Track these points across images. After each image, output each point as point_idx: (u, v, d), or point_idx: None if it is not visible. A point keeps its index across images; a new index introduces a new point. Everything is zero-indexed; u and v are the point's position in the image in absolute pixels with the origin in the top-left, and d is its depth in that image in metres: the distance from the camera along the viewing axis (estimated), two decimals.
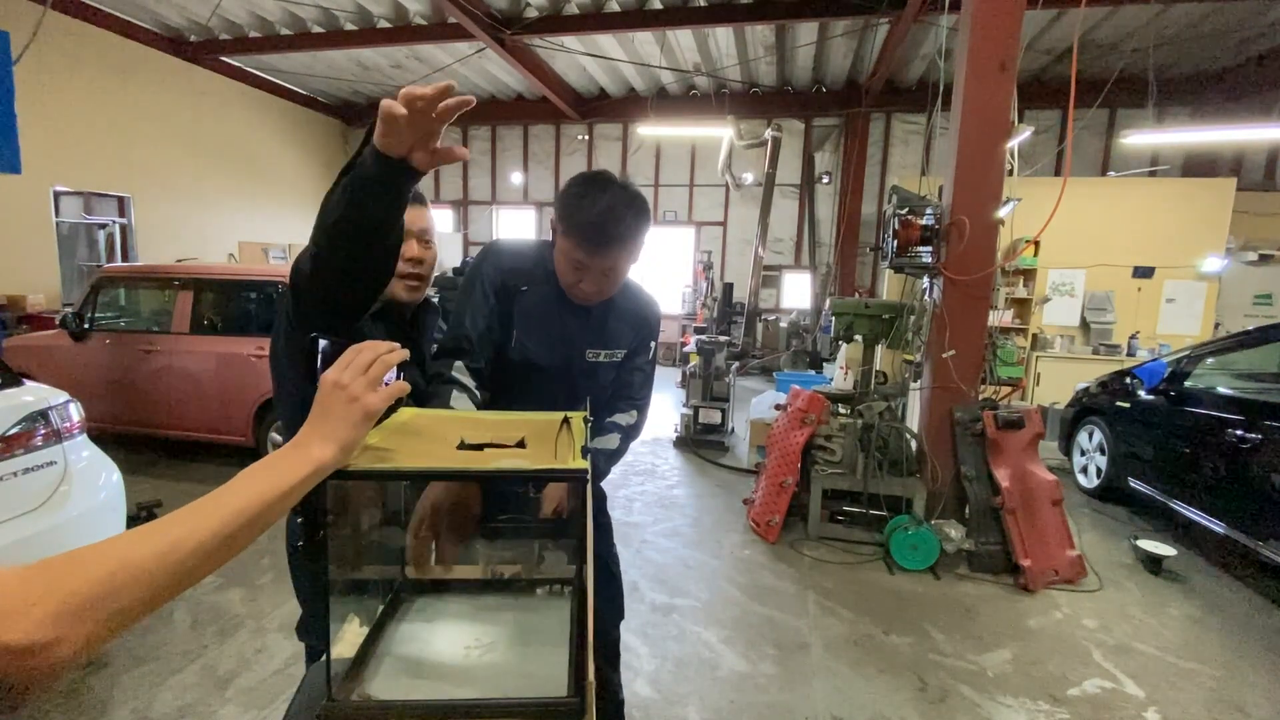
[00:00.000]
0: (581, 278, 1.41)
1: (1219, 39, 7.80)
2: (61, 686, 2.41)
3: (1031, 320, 7.59)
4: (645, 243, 1.45)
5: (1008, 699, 2.56)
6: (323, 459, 0.73)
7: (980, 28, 3.69)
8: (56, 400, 2.65)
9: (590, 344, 1.54)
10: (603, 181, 1.38)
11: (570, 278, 1.43)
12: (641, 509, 4.48)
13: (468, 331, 1.43)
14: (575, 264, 1.39)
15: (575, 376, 1.54)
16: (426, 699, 0.92)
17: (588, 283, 1.42)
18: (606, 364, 1.57)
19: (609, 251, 1.37)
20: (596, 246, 1.36)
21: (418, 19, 8.18)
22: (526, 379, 1.50)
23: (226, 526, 0.63)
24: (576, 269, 1.40)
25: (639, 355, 1.63)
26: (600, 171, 1.41)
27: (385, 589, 1.20)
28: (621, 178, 1.41)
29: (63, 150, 7.71)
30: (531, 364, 1.50)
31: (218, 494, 0.65)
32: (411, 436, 1.11)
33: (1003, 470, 3.69)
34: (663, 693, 2.52)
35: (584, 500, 1.00)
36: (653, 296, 1.68)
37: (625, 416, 1.60)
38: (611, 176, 1.40)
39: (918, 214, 3.90)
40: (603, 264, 1.39)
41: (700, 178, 11.60)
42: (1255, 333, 4.01)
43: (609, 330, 1.56)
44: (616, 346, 1.58)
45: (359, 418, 0.77)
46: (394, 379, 0.87)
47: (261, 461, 0.71)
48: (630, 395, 1.63)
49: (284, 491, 0.69)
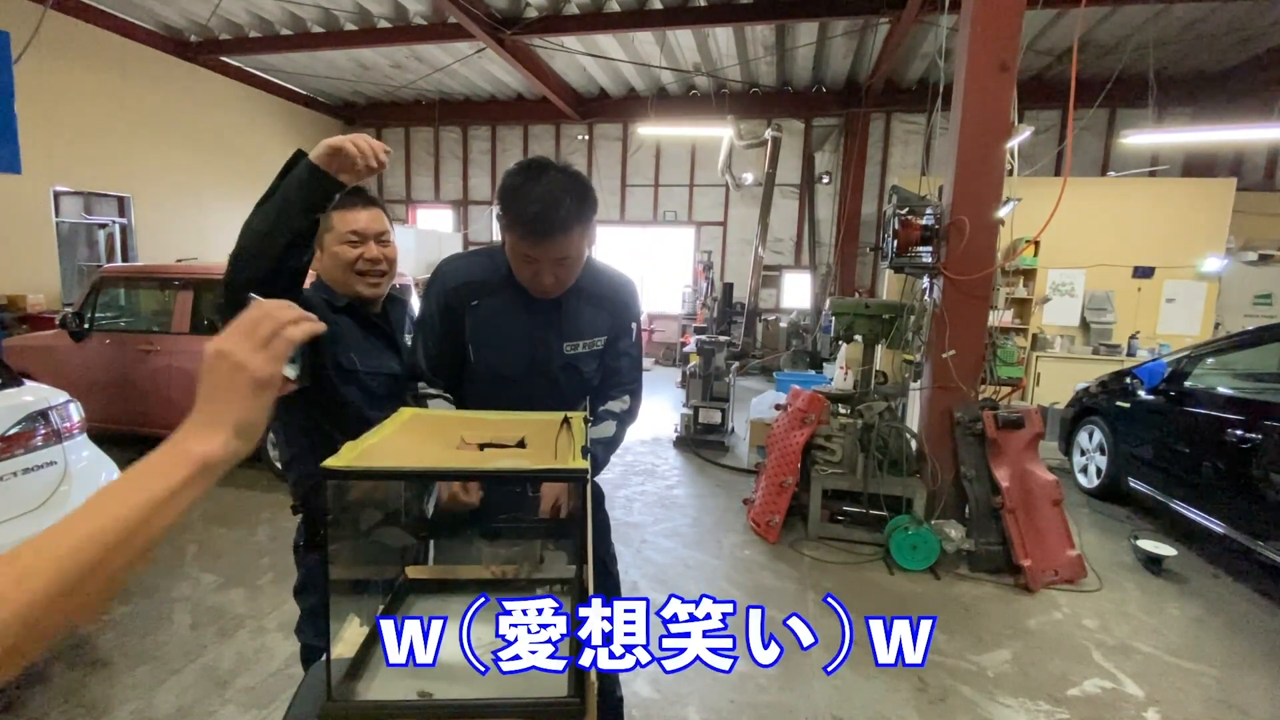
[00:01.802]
0: (536, 270, 1.37)
1: (1219, 39, 7.80)
2: (62, 686, 2.41)
3: (1031, 320, 7.58)
4: (593, 223, 1.42)
5: (1008, 699, 2.56)
6: (208, 455, 0.58)
7: (980, 28, 3.69)
8: (56, 400, 2.65)
9: (567, 337, 1.50)
10: (538, 168, 1.33)
11: (525, 273, 1.39)
12: (641, 509, 4.48)
13: (419, 359, 1.48)
14: (525, 258, 1.36)
15: (556, 374, 1.51)
16: (426, 699, 0.92)
17: (544, 275, 1.38)
18: (588, 354, 1.53)
19: (555, 240, 1.32)
20: (541, 237, 1.32)
21: (418, 19, 8.18)
22: (498, 389, 1.48)
23: (76, 558, 0.49)
24: (528, 263, 1.37)
25: (622, 339, 1.60)
26: (536, 158, 1.37)
27: (385, 589, 1.20)
28: (559, 161, 1.37)
29: (63, 150, 7.71)
30: (500, 375, 1.48)
31: (67, 520, 0.52)
32: (412, 436, 1.11)
33: (1003, 470, 3.68)
34: (663, 693, 2.52)
35: (584, 500, 1.01)
36: (625, 276, 1.63)
37: (618, 403, 1.58)
38: (548, 161, 1.36)
39: (918, 214, 3.90)
40: (552, 254, 1.34)
41: (700, 178, 11.60)
42: (1255, 333, 4.01)
43: (584, 319, 1.52)
44: (595, 335, 1.54)
45: (248, 389, 0.61)
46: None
47: (132, 468, 0.57)
48: (620, 381, 1.60)
49: (157, 503, 0.54)
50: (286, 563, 3.71)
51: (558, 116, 11.53)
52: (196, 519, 4.04)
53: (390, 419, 1.17)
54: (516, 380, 1.48)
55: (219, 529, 3.91)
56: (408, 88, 11.09)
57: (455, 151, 12.59)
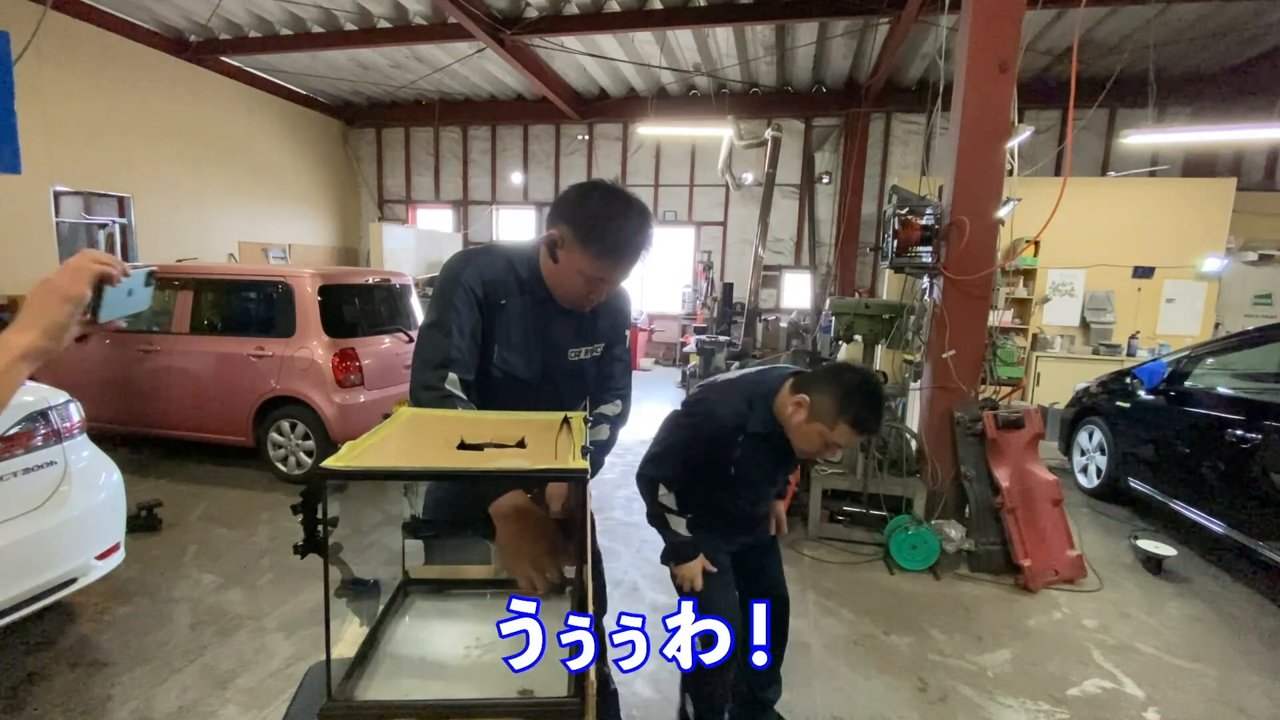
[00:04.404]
0: (593, 289, 1.43)
1: (1219, 39, 7.79)
2: (62, 686, 2.41)
3: (1031, 320, 7.59)
4: None
5: (1008, 699, 2.56)
6: (23, 343, 0.77)
7: (980, 28, 3.69)
8: (56, 400, 2.65)
9: (573, 344, 1.56)
10: (623, 198, 1.39)
11: (581, 289, 1.43)
12: (641, 509, 4.46)
13: (456, 342, 1.39)
14: (594, 279, 1.40)
15: (558, 380, 1.55)
16: (426, 699, 0.92)
17: (597, 293, 1.45)
18: (588, 360, 1.60)
19: (633, 266, 1.42)
20: (626, 264, 1.40)
21: (418, 19, 8.18)
22: (508, 391, 1.49)
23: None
24: (593, 283, 1.41)
25: (616, 346, 1.67)
26: (612, 186, 1.41)
27: (386, 588, 1.20)
28: (625, 186, 1.45)
29: (63, 150, 7.70)
30: (512, 377, 1.49)
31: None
32: (412, 436, 1.11)
33: (1003, 470, 3.68)
34: (663, 693, 2.52)
35: (584, 501, 1.01)
36: (624, 285, 1.69)
37: (611, 407, 1.65)
38: (622, 190, 1.42)
39: (918, 214, 3.90)
40: (623, 277, 1.44)
41: (700, 178, 11.59)
42: (1255, 333, 4.01)
43: (588, 327, 1.58)
44: (597, 342, 1.61)
45: (55, 300, 0.80)
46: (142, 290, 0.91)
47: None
48: (614, 386, 1.68)
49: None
50: (286, 563, 3.72)
51: (558, 116, 11.52)
52: (196, 519, 4.04)
53: (390, 419, 1.17)
54: (528, 383, 1.51)
55: (219, 529, 3.90)
56: (408, 88, 11.08)
57: (455, 151, 12.58)
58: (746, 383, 1.90)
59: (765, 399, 1.82)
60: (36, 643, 2.68)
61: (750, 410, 1.81)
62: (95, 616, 2.90)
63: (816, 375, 1.78)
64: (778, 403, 1.80)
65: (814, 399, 1.70)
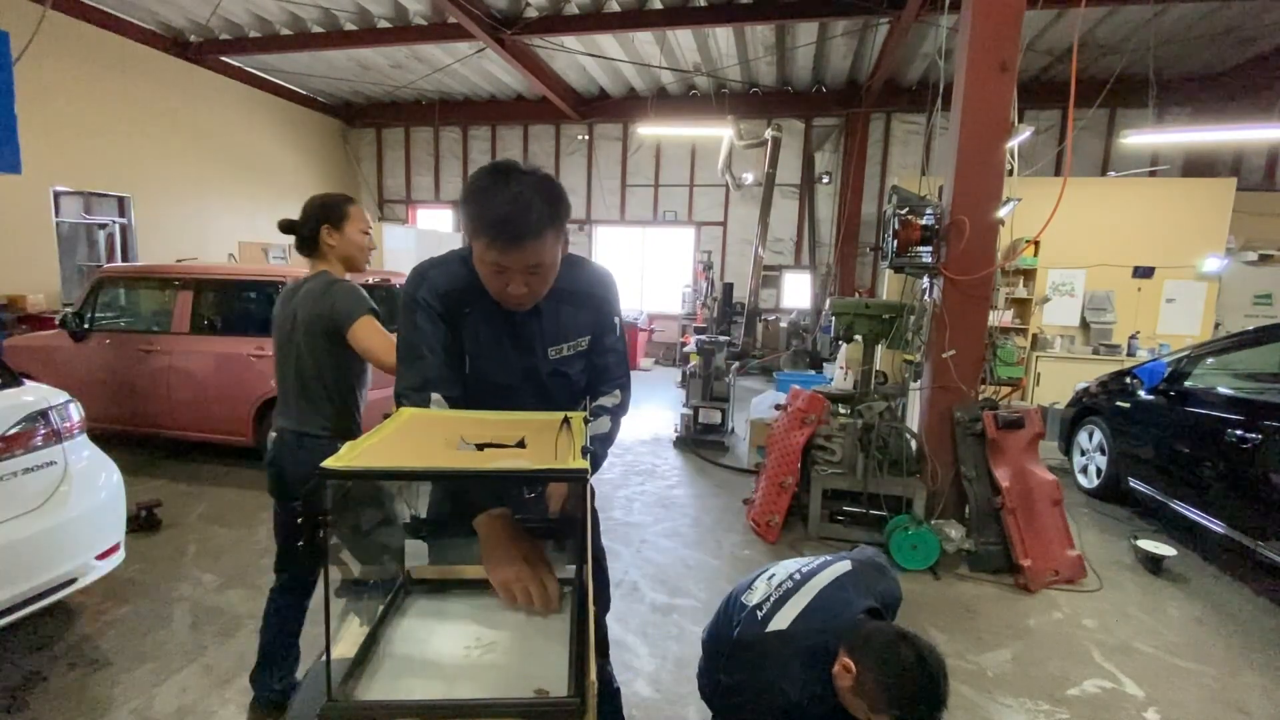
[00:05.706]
0: (506, 281, 1.29)
1: (1219, 39, 7.79)
2: (62, 686, 2.41)
3: (1031, 320, 7.58)
4: (566, 228, 1.34)
5: (1008, 699, 2.56)
6: None
7: (980, 28, 3.69)
8: (56, 400, 2.65)
9: (551, 341, 1.47)
10: (506, 170, 1.26)
11: (495, 284, 1.31)
12: (641, 509, 4.48)
13: (430, 361, 1.37)
14: (495, 268, 1.27)
15: (544, 379, 1.48)
16: (426, 699, 0.92)
17: (514, 285, 1.29)
18: (573, 355, 1.51)
19: (526, 246, 1.24)
20: (510, 243, 1.23)
21: (418, 19, 8.18)
22: (492, 396, 1.45)
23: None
24: (497, 273, 1.28)
25: (606, 336, 1.55)
26: (503, 160, 1.29)
27: (386, 588, 1.20)
28: (527, 164, 1.30)
29: (63, 150, 7.71)
30: (492, 383, 1.45)
31: None
32: (412, 436, 1.11)
33: (1003, 470, 3.68)
34: (663, 692, 2.52)
35: (584, 501, 1.01)
36: (603, 270, 1.57)
37: (610, 399, 1.55)
38: (515, 164, 1.29)
39: (918, 214, 3.90)
40: (523, 261, 1.26)
41: (700, 178, 11.60)
42: (1255, 333, 4.01)
43: (564, 320, 1.48)
44: (578, 335, 1.50)
45: None
46: None
47: None
48: (610, 378, 1.58)
49: None
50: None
51: (558, 116, 11.53)
52: (196, 519, 4.04)
53: (390, 419, 1.17)
54: (511, 387, 1.47)
55: (219, 529, 3.90)
56: (408, 88, 11.09)
57: (455, 151, 12.59)
58: (809, 631, 1.53)
59: (825, 660, 1.47)
60: (37, 643, 2.68)
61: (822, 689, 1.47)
62: (95, 616, 2.90)
63: (870, 639, 1.42)
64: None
65: (859, 673, 1.39)
